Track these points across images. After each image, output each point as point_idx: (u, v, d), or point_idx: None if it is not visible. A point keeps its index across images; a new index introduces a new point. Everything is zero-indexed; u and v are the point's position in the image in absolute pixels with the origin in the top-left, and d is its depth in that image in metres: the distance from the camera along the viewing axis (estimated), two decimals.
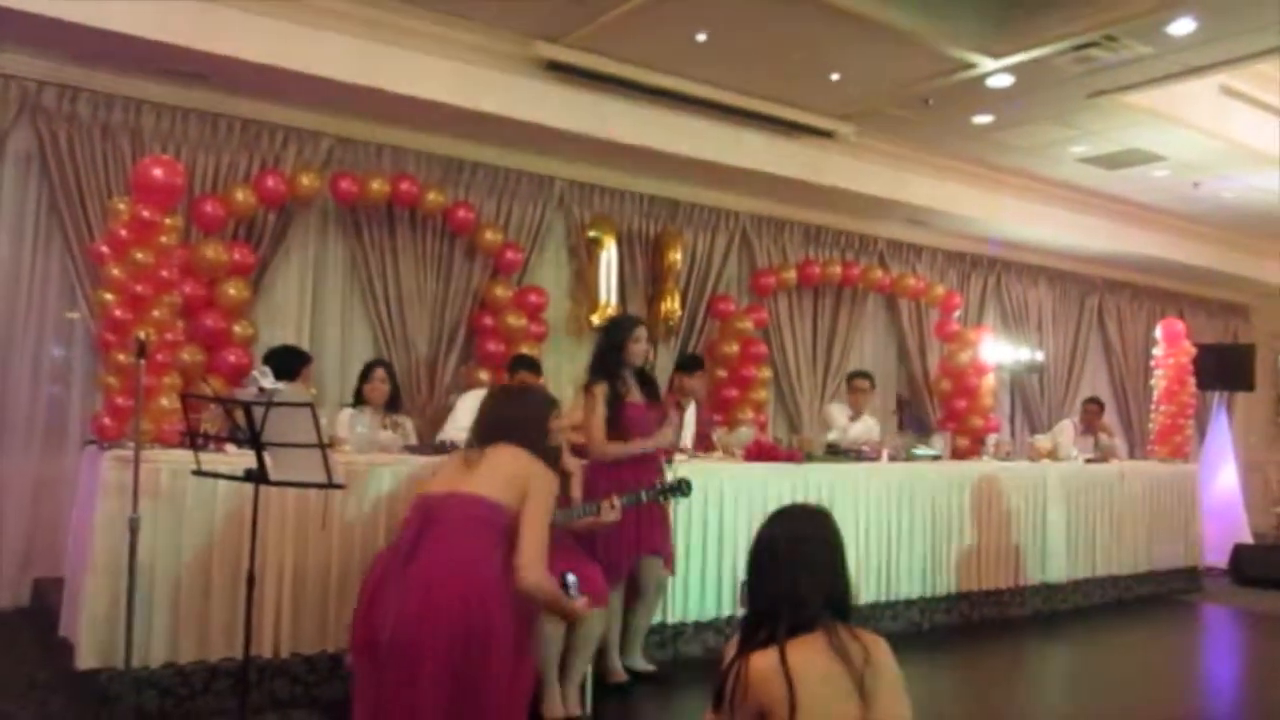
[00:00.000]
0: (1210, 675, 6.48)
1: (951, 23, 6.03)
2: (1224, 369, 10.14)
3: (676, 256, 7.86)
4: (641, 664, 5.04)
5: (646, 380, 4.95)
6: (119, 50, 5.47)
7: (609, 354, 4.80)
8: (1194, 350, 9.19)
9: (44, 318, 5.89)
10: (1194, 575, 8.47)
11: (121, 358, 4.39)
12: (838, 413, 7.63)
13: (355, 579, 4.44)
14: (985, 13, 6.04)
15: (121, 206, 4.79)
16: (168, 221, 4.68)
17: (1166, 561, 8.19)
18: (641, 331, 4.84)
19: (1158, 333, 9.32)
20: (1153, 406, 9.20)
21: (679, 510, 5.20)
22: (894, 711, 2.21)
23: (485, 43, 6.29)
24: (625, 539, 4.66)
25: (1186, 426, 9.06)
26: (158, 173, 4.76)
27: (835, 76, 6.76)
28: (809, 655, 2.15)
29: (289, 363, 5.44)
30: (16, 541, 5.69)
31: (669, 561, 4.99)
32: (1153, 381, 9.28)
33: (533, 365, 6.04)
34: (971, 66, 6.45)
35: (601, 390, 4.70)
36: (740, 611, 2.77)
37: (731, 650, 2.32)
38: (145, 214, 4.57)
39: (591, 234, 7.60)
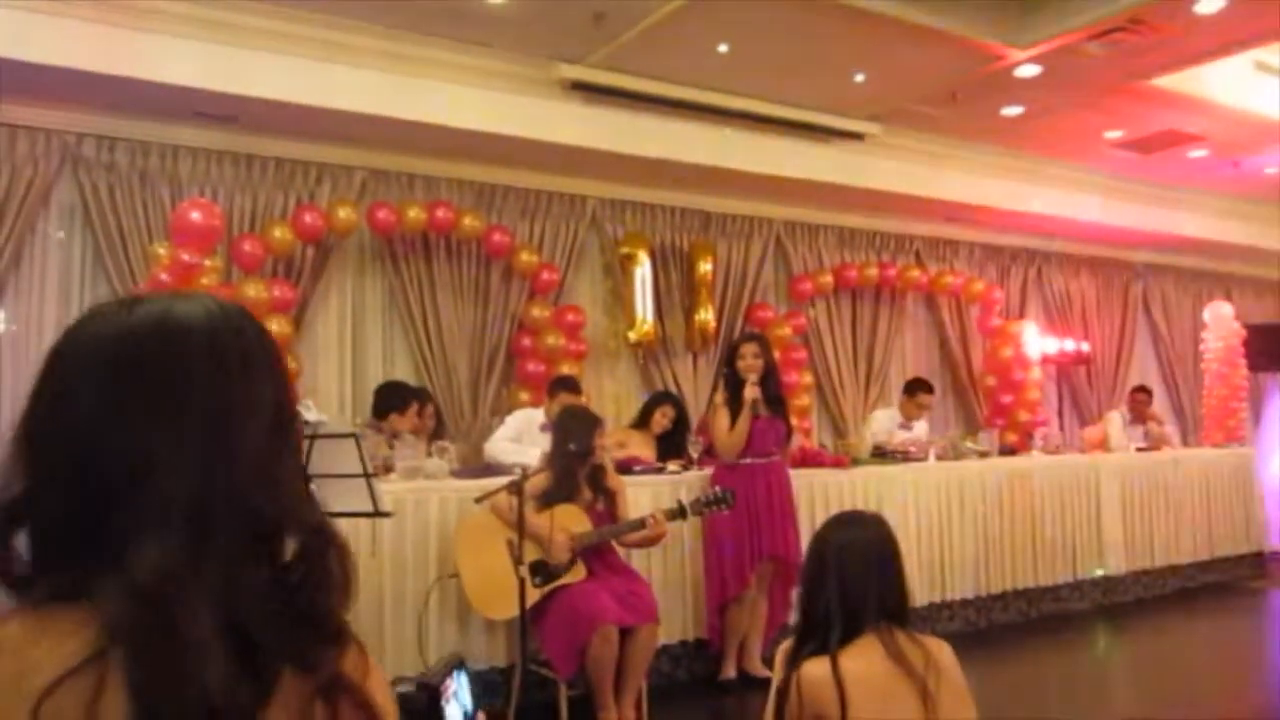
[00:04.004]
0: None
1: (974, 15, 5.99)
2: (1276, 349, 9.92)
3: (709, 267, 7.86)
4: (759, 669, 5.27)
5: (772, 395, 5.28)
6: (152, 98, 5.59)
7: (728, 371, 5.41)
8: (1244, 331, 9.03)
9: None
10: (1260, 561, 8.29)
11: None
12: (885, 420, 7.51)
13: (410, 603, 4.50)
14: (1008, 3, 6.00)
15: (162, 251, 4.91)
16: (208, 263, 4.78)
17: (1229, 548, 8.04)
18: (747, 348, 5.32)
19: (1206, 316, 9.16)
20: (1204, 391, 9.04)
21: None
22: (959, 716, 2.19)
23: (508, 68, 6.35)
24: (746, 542, 5.10)
25: (1240, 410, 8.90)
26: (196, 216, 4.87)
27: (860, 78, 6.75)
28: (863, 662, 2.15)
29: (390, 399, 5.61)
30: None
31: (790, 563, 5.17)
32: (1203, 366, 9.12)
33: (572, 385, 6.06)
34: (998, 58, 6.40)
35: (721, 401, 5.31)
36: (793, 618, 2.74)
37: (782, 657, 2.32)
38: (186, 257, 4.67)
39: (625, 250, 7.62)
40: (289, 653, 0.82)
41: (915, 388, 7.53)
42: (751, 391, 5.12)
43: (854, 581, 2.24)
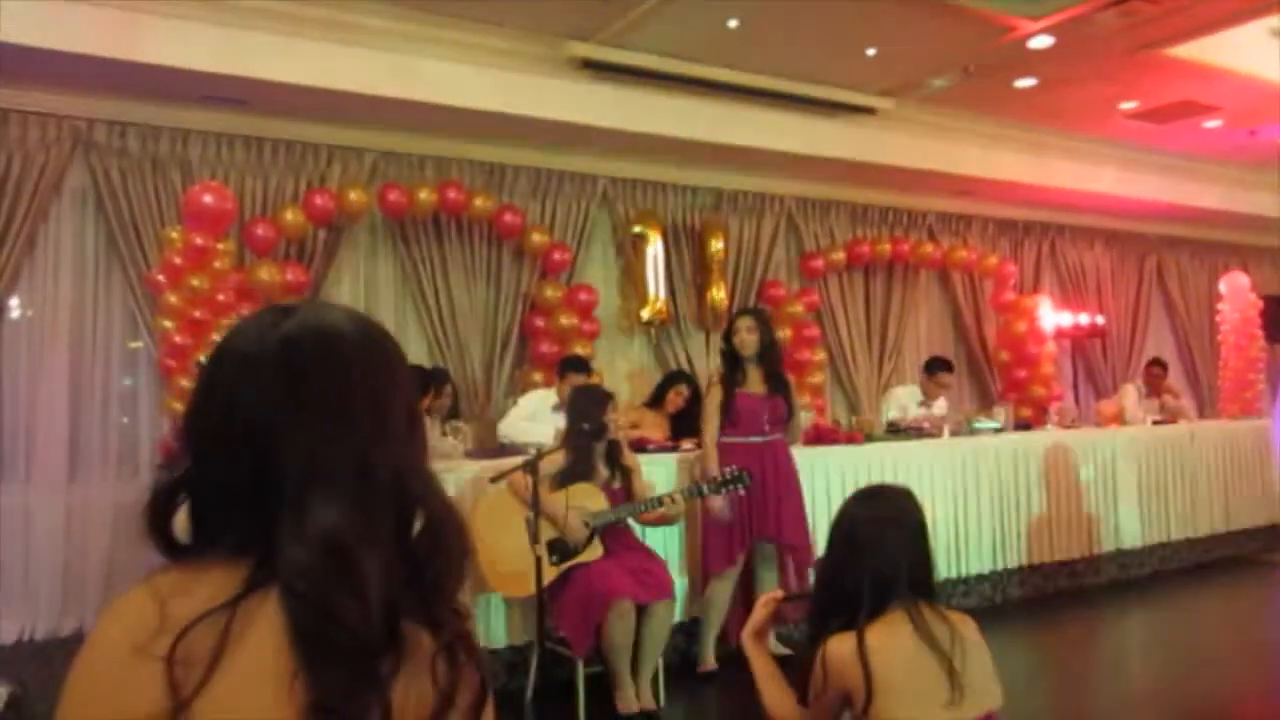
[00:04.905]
0: None
1: None
2: None
3: (720, 245, 7.83)
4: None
5: (772, 372, 5.19)
6: (162, 82, 5.58)
7: (726, 347, 5.23)
8: (1260, 303, 8.97)
9: (109, 348, 6.03)
10: (1276, 534, 8.26)
11: (184, 383, 4.49)
12: (904, 397, 7.46)
13: None
14: None
15: (175, 235, 4.91)
16: (220, 247, 4.78)
17: (1246, 521, 8.00)
18: (741, 323, 5.20)
19: (1221, 287, 9.10)
20: (1220, 363, 8.99)
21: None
22: (985, 692, 2.17)
23: (518, 47, 6.32)
24: (735, 521, 4.98)
25: (1257, 381, 8.85)
26: (208, 200, 4.86)
27: (871, 52, 6.69)
28: (890, 638, 2.12)
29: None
30: (98, 566, 5.84)
31: (797, 549, 5.13)
32: (1219, 338, 9.07)
33: (581, 366, 6.04)
34: (1010, 29, 6.34)
35: (717, 377, 5.19)
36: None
37: (751, 641, 2.31)
38: (198, 241, 4.68)
39: (636, 229, 7.60)
40: (418, 612, 0.93)
41: (935, 367, 7.49)
42: (714, 503, 4.89)
43: (884, 556, 2.21)
